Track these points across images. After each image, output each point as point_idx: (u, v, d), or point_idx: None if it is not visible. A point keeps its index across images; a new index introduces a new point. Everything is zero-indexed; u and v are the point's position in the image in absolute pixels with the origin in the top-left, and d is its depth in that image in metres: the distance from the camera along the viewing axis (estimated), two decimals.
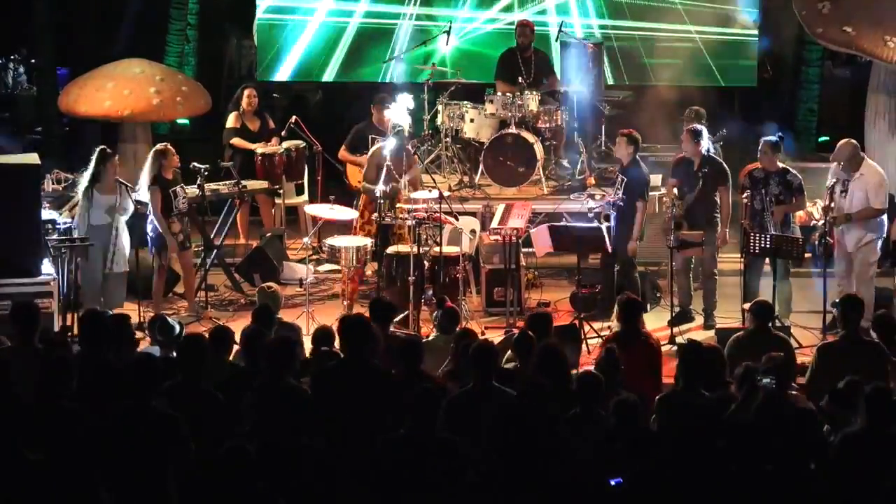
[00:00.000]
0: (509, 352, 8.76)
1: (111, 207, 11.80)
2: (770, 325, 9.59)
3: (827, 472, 7.04)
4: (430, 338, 9.73)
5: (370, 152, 12.50)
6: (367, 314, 9.10)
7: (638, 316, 9.37)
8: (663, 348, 9.78)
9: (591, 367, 8.25)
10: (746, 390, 7.71)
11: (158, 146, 12.21)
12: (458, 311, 9.88)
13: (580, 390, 7.57)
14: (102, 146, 12.14)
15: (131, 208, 11.93)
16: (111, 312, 9.52)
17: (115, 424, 7.05)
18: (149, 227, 12.01)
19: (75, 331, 10.01)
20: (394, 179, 12.11)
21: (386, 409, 7.50)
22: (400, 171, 12.19)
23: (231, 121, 14.14)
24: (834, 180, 11.65)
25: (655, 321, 11.81)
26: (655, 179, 12.82)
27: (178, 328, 9.39)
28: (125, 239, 11.95)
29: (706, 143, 12.11)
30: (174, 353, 8.40)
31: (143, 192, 11.93)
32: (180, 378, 7.64)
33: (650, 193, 12.40)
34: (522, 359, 8.36)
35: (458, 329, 9.44)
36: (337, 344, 8.73)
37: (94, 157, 11.85)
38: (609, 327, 11.00)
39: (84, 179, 11.85)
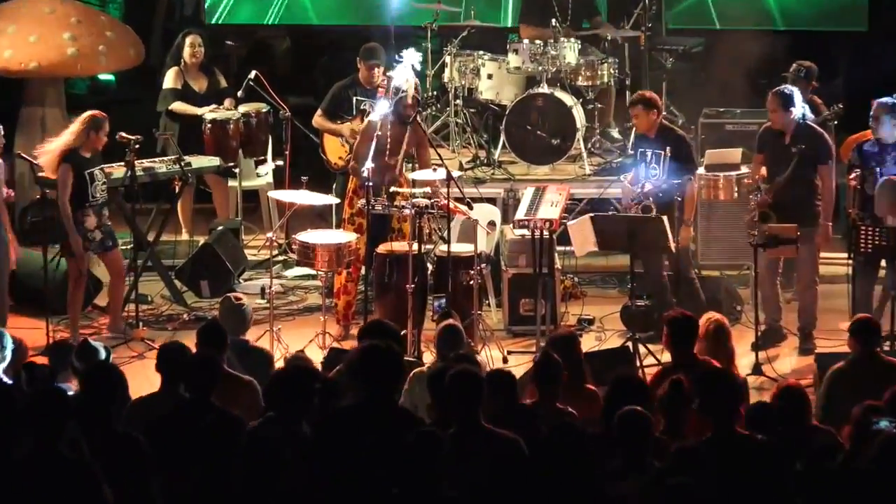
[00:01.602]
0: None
1: None
2: (879, 349, 9.63)
3: None
4: (426, 367, 9.59)
5: (364, 123, 12.43)
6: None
7: (692, 338, 9.37)
8: (749, 380, 10.04)
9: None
10: (858, 435, 7.72)
11: (96, 112, 12.15)
12: (460, 330, 9.74)
13: (621, 433, 7.59)
14: None
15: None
16: None
17: (13, 474, 7.11)
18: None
19: None
20: (393, 160, 12.04)
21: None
22: (401, 149, 12.10)
23: (170, 78, 14.21)
24: None
25: (735, 343, 11.67)
26: (735, 155, 12.83)
27: (103, 353, 9.42)
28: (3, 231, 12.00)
29: (799, 110, 12.09)
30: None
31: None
32: (88, 418, 7.74)
33: (730, 173, 12.41)
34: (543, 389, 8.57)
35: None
36: None
37: None
38: None
39: None
